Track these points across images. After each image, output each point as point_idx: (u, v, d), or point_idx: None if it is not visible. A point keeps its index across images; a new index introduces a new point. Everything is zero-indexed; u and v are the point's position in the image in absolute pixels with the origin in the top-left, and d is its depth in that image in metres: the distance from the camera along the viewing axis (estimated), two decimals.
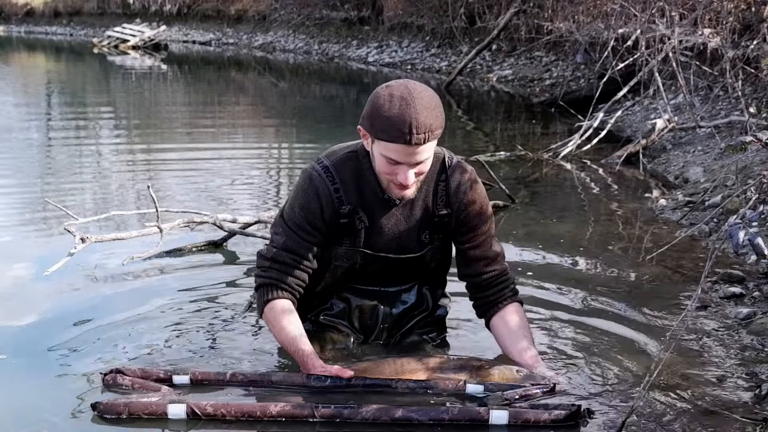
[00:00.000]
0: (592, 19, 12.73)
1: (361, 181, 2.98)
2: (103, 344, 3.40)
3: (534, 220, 5.60)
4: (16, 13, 38.53)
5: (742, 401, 2.91)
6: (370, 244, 3.05)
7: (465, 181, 3.05)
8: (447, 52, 19.09)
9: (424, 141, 2.74)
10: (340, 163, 2.99)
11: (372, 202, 3.00)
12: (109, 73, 20.93)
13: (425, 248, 3.10)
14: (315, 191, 2.97)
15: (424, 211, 3.05)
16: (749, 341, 3.46)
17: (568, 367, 3.19)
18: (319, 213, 2.97)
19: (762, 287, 4.04)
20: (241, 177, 7.33)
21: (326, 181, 2.96)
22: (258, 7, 28.20)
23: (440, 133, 2.81)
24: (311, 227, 2.99)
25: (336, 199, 2.97)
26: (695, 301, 2.55)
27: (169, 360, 3.22)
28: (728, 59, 7.58)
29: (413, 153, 2.77)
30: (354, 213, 3.00)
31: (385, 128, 2.75)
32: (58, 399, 2.90)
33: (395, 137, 2.74)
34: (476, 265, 3.12)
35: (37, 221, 5.53)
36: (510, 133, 10.24)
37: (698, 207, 5.55)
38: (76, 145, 9.19)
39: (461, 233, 3.09)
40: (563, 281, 4.30)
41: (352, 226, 3.02)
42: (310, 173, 3.00)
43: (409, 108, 2.72)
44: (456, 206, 3.04)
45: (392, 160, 2.81)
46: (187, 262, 4.68)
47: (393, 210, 3.02)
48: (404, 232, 3.05)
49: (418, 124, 2.71)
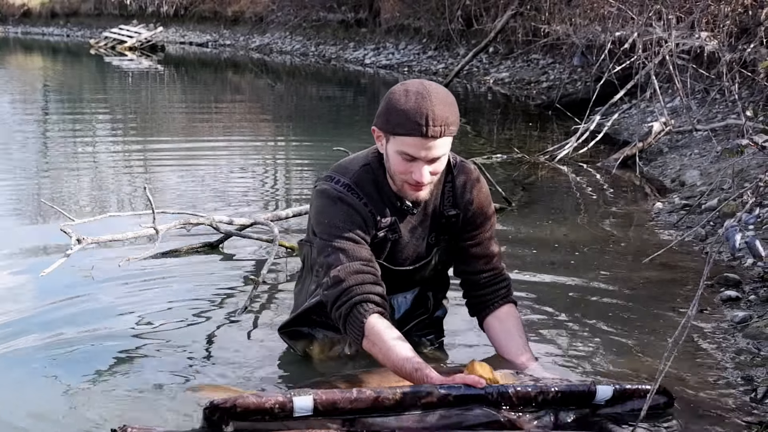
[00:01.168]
0: (589, 21, 12.73)
1: (382, 194, 2.93)
2: (100, 347, 3.39)
3: (530, 223, 5.60)
4: (13, 13, 38.51)
5: (738, 404, 2.92)
6: (392, 257, 3.02)
7: (470, 180, 3.05)
8: (444, 54, 19.12)
9: (440, 134, 2.72)
10: (360, 179, 2.91)
11: (394, 214, 2.96)
12: (105, 75, 20.92)
13: (432, 251, 3.10)
14: (352, 207, 2.86)
15: (434, 213, 3.04)
16: (745, 345, 3.46)
17: (565, 369, 3.19)
18: (363, 224, 2.86)
19: (758, 291, 4.04)
20: (237, 179, 7.33)
21: (352, 198, 2.87)
22: (255, 9, 28.21)
23: (455, 130, 2.79)
24: (362, 233, 2.85)
25: (369, 213, 2.89)
26: (695, 306, 2.54)
27: (167, 366, 3.21)
28: (725, 62, 7.58)
29: (430, 147, 2.74)
30: (393, 224, 2.94)
31: (402, 121, 2.72)
32: (52, 403, 2.90)
33: (412, 130, 2.71)
34: (476, 263, 3.11)
35: (33, 222, 5.52)
36: (507, 135, 10.25)
37: (695, 210, 5.56)
38: (72, 146, 9.18)
39: (466, 231, 3.08)
40: (559, 284, 4.31)
41: (384, 239, 2.96)
42: (336, 195, 2.86)
43: (425, 101, 2.71)
44: (463, 206, 3.04)
45: (408, 155, 2.76)
46: (183, 263, 4.67)
47: (409, 218, 3.00)
48: (419, 237, 3.04)
49: (435, 116, 2.70)
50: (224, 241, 4.95)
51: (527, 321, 3.75)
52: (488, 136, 10.31)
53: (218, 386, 2.98)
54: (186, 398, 2.92)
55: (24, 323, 3.66)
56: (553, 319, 3.82)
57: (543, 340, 3.54)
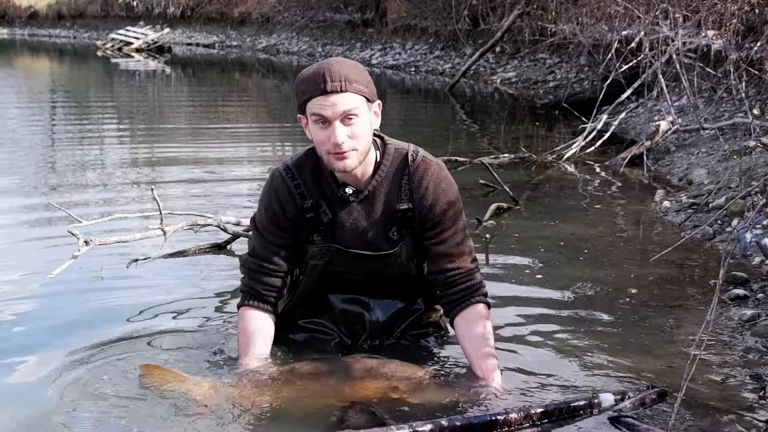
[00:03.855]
0: (596, 21, 12.72)
1: (320, 177, 3.05)
2: (109, 348, 3.40)
3: (538, 222, 5.60)
4: (20, 15, 38.59)
5: (746, 403, 2.91)
6: (338, 239, 3.06)
7: (429, 175, 3.03)
8: (450, 54, 19.11)
9: (341, 89, 2.81)
10: (300, 162, 3.08)
11: (332, 199, 3.04)
12: (112, 76, 20.96)
13: (397, 246, 3.08)
14: (275, 192, 3.06)
15: (386, 206, 3.05)
16: (753, 343, 3.46)
17: (574, 368, 3.19)
18: (281, 213, 3.04)
19: (766, 289, 4.03)
20: (244, 179, 7.32)
21: (286, 180, 3.05)
22: (261, 10, 28.24)
23: (363, 89, 2.87)
24: (276, 228, 3.06)
25: (298, 195, 3.03)
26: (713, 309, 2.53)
27: (176, 366, 3.22)
28: (732, 61, 7.58)
29: (334, 103, 2.82)
30: (317, 206, 3.04)
31: (304, 88, 2.86)
32: (61, 403, 2.90)
33: (314, 90, 2.83)
34: (439, 262, 3.06)
35: (41, 224, 5.53)
36: (513, 135, 10.24)
37: (702, 209, 5.54)
38: (79, 148, 9.19)
39: (426, 229, 3.06)
40: (567, 283, 4.30)
41: (318, 219, 3.05)
42: (272, 174, 3.11)
43: (323, 65, 2.87)
44: (418, 201, 3.02)
45: (319, 117, 2.85)
46: (190, 264, 4.68)
47: (353, 205, 3.04)
48: (367, 228, 3.05)
49: (332, 72, 2.81)
50: (232, 242, 4.95)
51: (534, 319, 3.76)
52: (495, 136, 10.31)
53: (165, 369, 3.00)
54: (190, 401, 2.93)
55: (32, 325, 3.68)
56: (559, 317, 3.81)
57: (549, 338, 3.53)
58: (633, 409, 2.75)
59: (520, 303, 4.01)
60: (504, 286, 4.22)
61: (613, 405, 2.77)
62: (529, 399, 2.87)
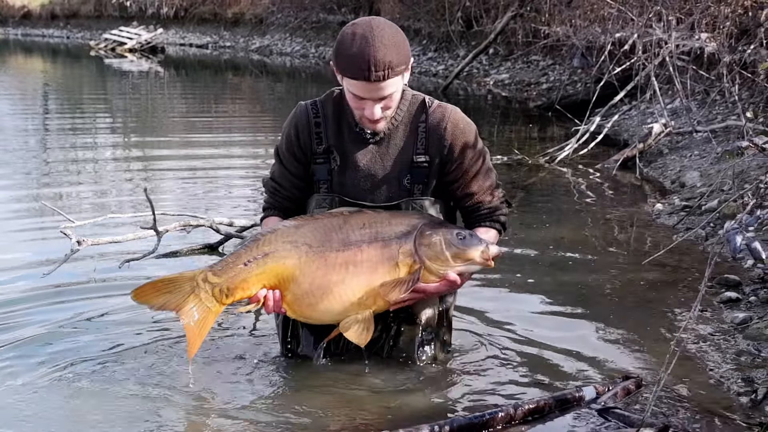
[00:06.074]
0: (589, 23, 12.75)
1: (341, 117, 3.09)
2: (101, 348, 3.40)
3: (530, 225, 5.60)
4: (13, 15, 38.52)
5: (738, 406, 2.92)
6: (345, 183, 3.08)
7: (446, 117, 3.07)
8: (444, 55, 19.12)
9: (383, 78, 2.83)
10: (326, 100, 3.12)
11: (349, 138, 3.08)
12: (105, 76, 20.92)
13: (413, 194, 3.08)
14: (295, 122, 3.12)
15: (402, 152, 3.07)
16: (745, 346, 3.46)
17: (567, 368, 3.20)
18: (296, 143, 3.10)
19: (758, 292, 4.04)
20: (237, 180, 7.32)
21: (310, 114, 3.10)
22: (255, 11, 28.25)
23: (404, 69, 2.90)
24: (292, 157, 3.12)
25: (315, 134, 3.09)
26: (697, 307, 2.55)
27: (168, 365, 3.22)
28: (725, 64, 7.60)
29: (375, 89, 2.86)
30: (328, 152, 3.08)
31: (347, 66, 2.86)
32: (55, 405, 2.90)
33: (356, 74, 2.84)
34: (463, 201, 3.16)
35: (34, 224, 5.51)
36: (507, 137, 10.25)
37: (695, 211, 5.56)
38: (72, 148, 9.17)
39: (448, 172, 3.10)
40: (559, 285, 4.31)
41: (325, 168, 3.09)
42: (298, 105, 3.16)
43: (369, 47, 2.82)
44: (436, 148, 3.06)
45: (357, 95, 2.90)
46: (183, 264, 4.67)
47: (369, 146, 3.08)
48: (380, 171, 3.07)
49: (377, 61, 2.81)
50: (224, 243, 4.95)
51: (524, 320, 3.76)
52: (488, 138, 10.29)
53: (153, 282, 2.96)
54: (189, 400, 2.92)
55: (25, 325, 3.66)
56: (552, 319, 3.82)
57: (542, 339, 3.54)
58: (615, 400, 2.82)
59: (511, 304, 4.03)
60: (495, 288, 4.25)
61: (595, 398, 2.87)
62: (518, 395, 2.93)
